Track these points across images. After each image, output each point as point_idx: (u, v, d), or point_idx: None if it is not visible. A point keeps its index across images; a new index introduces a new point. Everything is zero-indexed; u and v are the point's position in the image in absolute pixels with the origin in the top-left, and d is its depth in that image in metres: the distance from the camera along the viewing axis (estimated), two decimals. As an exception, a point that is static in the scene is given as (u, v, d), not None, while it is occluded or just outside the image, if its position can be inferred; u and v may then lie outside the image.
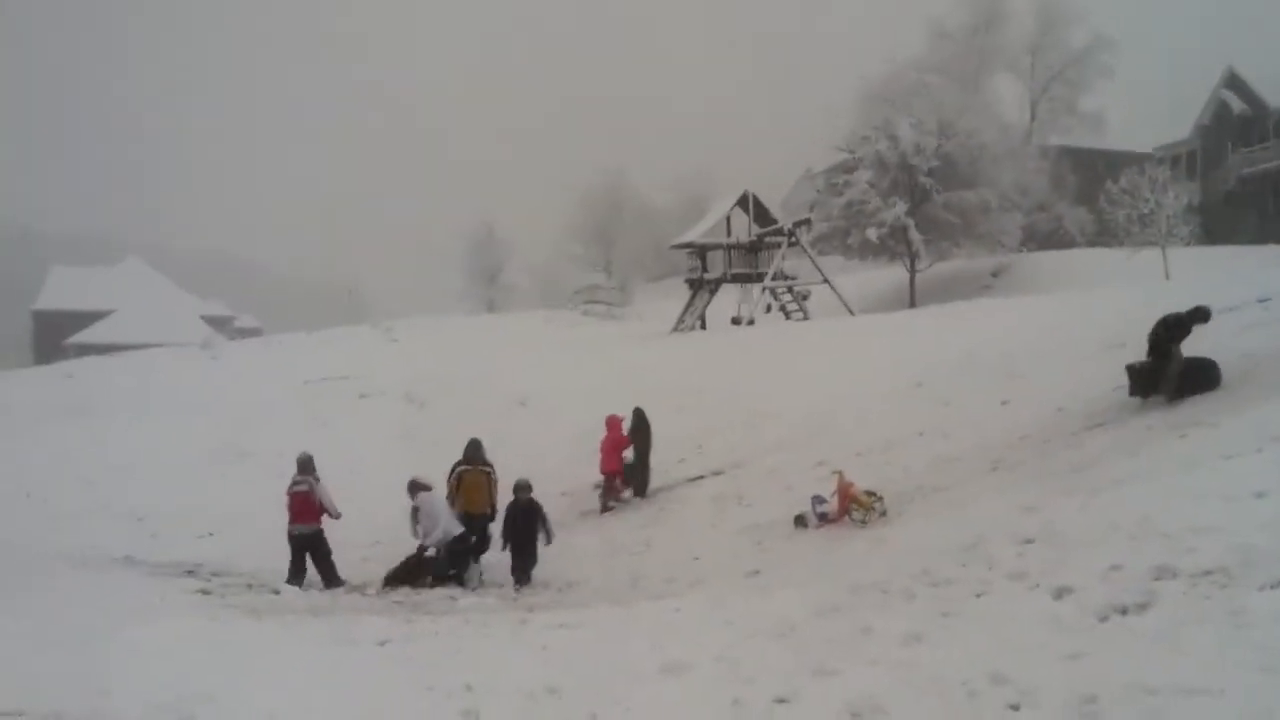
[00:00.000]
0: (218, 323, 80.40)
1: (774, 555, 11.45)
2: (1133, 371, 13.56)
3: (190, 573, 12.29)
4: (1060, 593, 7.03)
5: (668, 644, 7.38)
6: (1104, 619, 6.52)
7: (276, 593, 10.77)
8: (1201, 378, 12.82)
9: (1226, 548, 6.85)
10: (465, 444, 14.44)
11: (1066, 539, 8.12)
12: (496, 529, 13.67)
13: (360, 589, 12.56)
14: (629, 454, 17.00)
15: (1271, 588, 6.06)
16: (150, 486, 17.13)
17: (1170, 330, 13.14)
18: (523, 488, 13.51)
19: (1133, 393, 13.53)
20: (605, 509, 16.71)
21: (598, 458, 17.11)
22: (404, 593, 12.26)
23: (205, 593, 10.44)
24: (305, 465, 13.51)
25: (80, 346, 66.06)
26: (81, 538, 14.00)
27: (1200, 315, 13.25)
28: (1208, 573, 6.62)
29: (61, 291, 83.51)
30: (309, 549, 12.96)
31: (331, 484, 15.97)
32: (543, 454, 18.66)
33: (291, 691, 6.10)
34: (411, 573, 13.18)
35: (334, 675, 6.48)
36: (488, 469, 14.10)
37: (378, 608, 10.42)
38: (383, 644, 7.47)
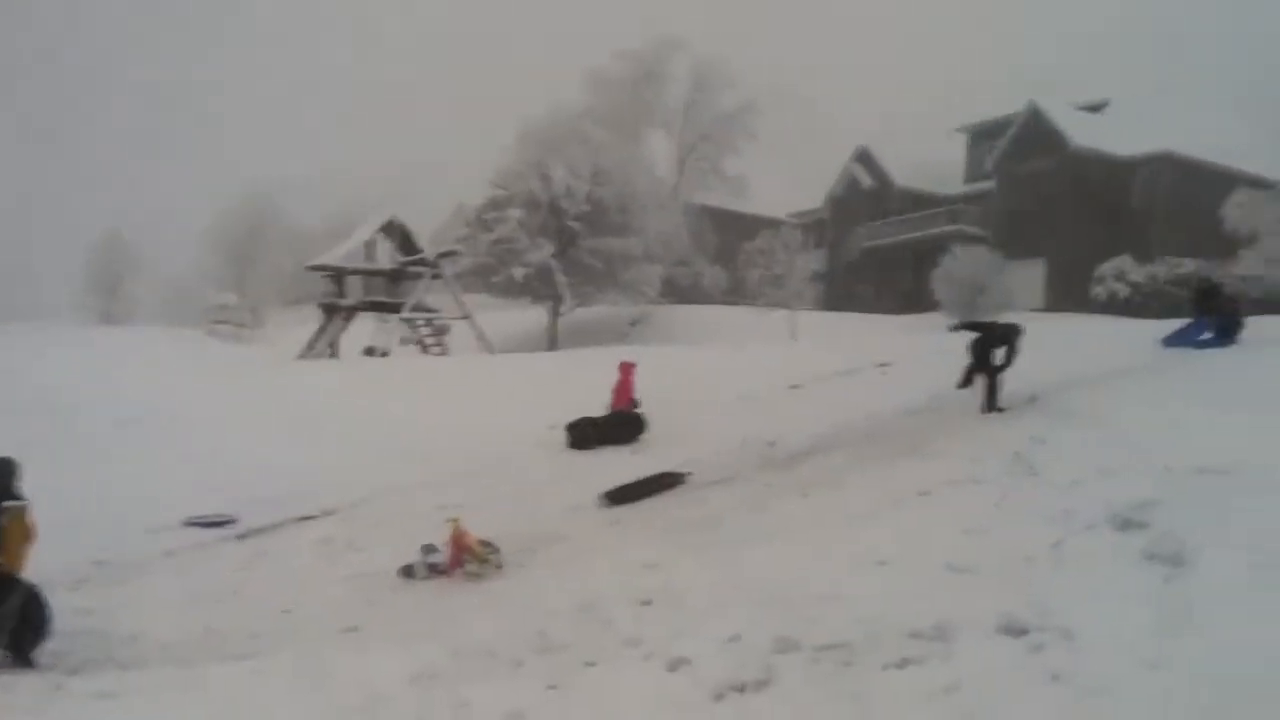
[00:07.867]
0: None
1: (379, 610, 10.31)
2: None
3: None
4: (676, 664, 6.40)
5: (232, 721, 6.17)
6: (719, 697, 5.91)
7: None
8: None
9: (849, 619, 6.45)
10: None
11: (686, 602, 7.58)
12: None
13: None
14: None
15: (896, 667, 5.64)
16: None
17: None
18: None
19: None
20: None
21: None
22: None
23: None
24: None
25: None
26: None
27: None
28: (829, 646, 6.17)
29: None
30: None
31: None
32: (143, 481, 16.46)
33: None
34: None
35: None
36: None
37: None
38: None
